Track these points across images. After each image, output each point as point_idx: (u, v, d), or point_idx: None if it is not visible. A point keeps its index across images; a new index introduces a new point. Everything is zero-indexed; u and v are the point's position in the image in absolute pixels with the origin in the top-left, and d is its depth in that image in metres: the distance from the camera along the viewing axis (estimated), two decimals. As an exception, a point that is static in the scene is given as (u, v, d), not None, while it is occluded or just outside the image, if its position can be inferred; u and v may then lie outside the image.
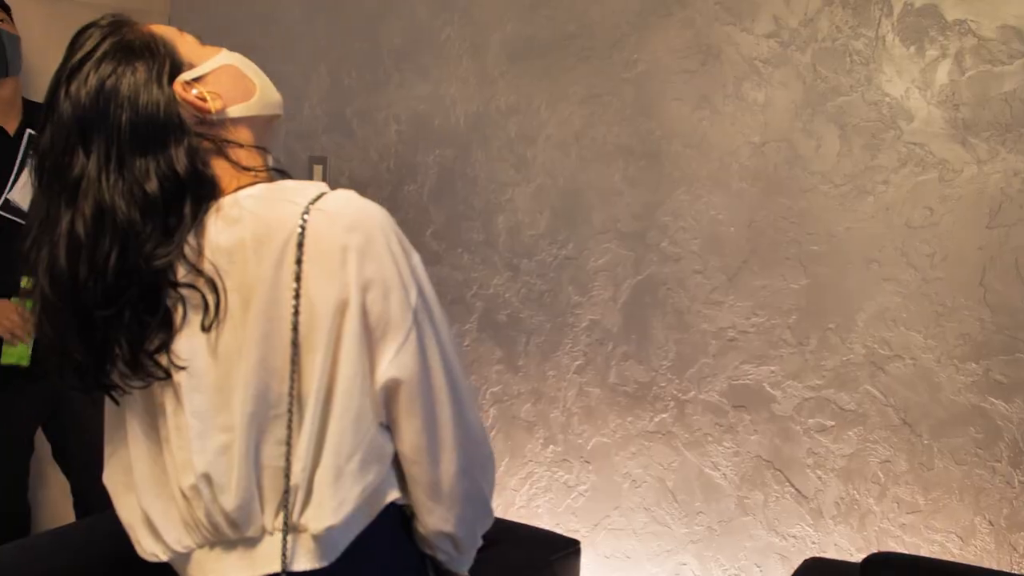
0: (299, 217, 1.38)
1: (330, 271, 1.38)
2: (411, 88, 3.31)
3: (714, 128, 2.77)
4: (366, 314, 1.39)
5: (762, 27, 2.68)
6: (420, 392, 1.44)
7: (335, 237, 1.37)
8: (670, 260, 2.85)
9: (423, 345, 1.44)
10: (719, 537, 2.83)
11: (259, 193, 1.44)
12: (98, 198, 1.38)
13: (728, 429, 2.80)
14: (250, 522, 1.46)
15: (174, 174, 1.41)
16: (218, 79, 1.55)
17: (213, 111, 1.49)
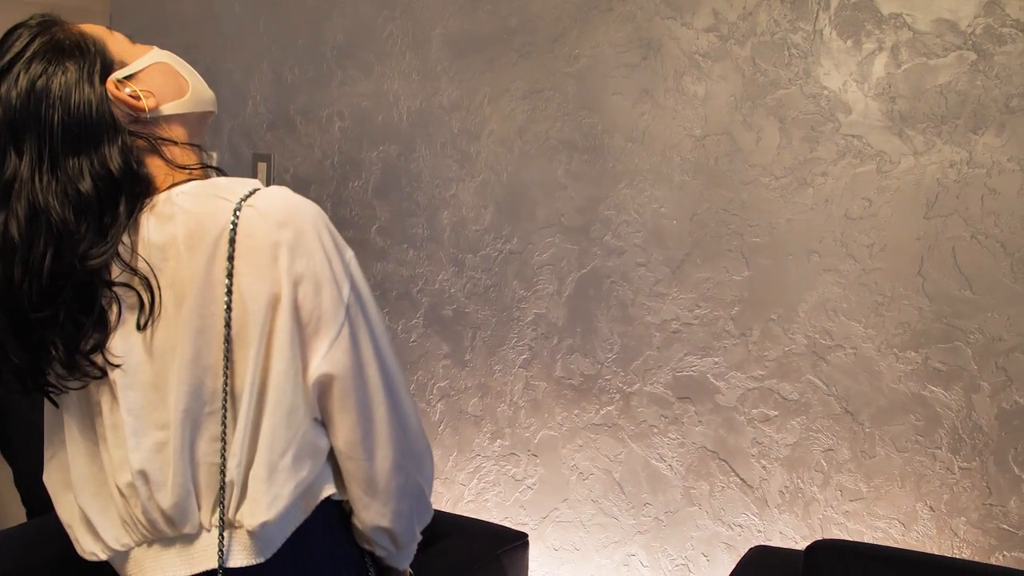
0: (231, 213, 1.38)
1: (261, 267, 1.38)
2: (354, 85, 3.31)
3: (655, 122, 2.78)
4: (298, 309, 1.40)
5: (702, 21, 2.70)
6: (353, 388, 1.45)
7: (266, 233, 1.38)
8: (614, 253, 2.87)
9: (356, 340, 1.44)
10: (666, 528, 2.85)
11: (192, 190, 1.44)
12: (31, 199, 1.38)
13: (673, 420, 2.82)
14: (187, 519, 1.46)
15: (108, 173, 1.41)
16: (150, 77, 1.55)
17: (146, 109, 1.49)
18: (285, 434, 1.42)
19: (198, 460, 1.45)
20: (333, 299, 1.41)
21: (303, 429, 1.44)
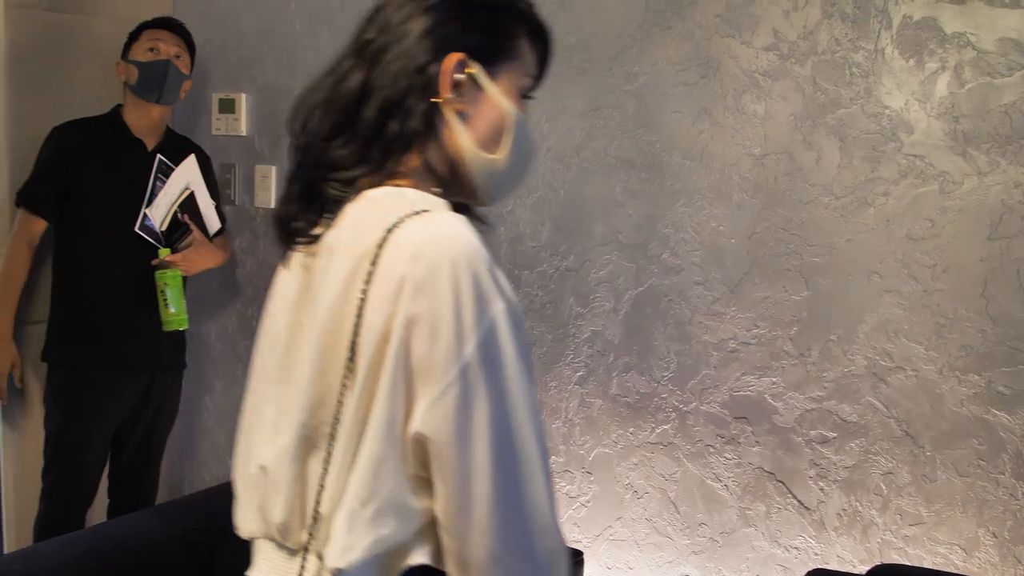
0: (382, 234, 1.29)
1: (384, 300, 1.27)
2: (413, 100, 3.31)
3: (714, 140, 2.77)
4: (408, 353, 1.26)
5: (762, 40, 2.69)
6: (451, 457, 1.27)
7: (398, 264, 1.27)
8: (671, 272, 2.86)
9: (467, 406, 1.26)
10: (721, 548, 2.83)
11: (376, 196, 1.38)
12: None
13: (730, 440, 2.80)
14: (290, 533, 1.41)
15: (396, 116, 1.39)
16: (487, 110, 1.45)
17: (446, 99, 1.40)
18: (370, 485, 1.29)
19: (307, 478, 1.38)
20: (448, 352, 1.25)
21: (391, 484, 1.30)
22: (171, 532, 2.90)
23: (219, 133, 3.84)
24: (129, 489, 3.64)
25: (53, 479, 3.45)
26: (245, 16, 3.77)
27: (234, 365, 3.91)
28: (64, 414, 3.41)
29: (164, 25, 3.50)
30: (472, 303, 1.25)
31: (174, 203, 3.42)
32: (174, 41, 3.48)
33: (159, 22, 3.51)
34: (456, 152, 1.42)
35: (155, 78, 3.40)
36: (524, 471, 1.30)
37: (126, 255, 3.39)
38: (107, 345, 3.42)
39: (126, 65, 3.44)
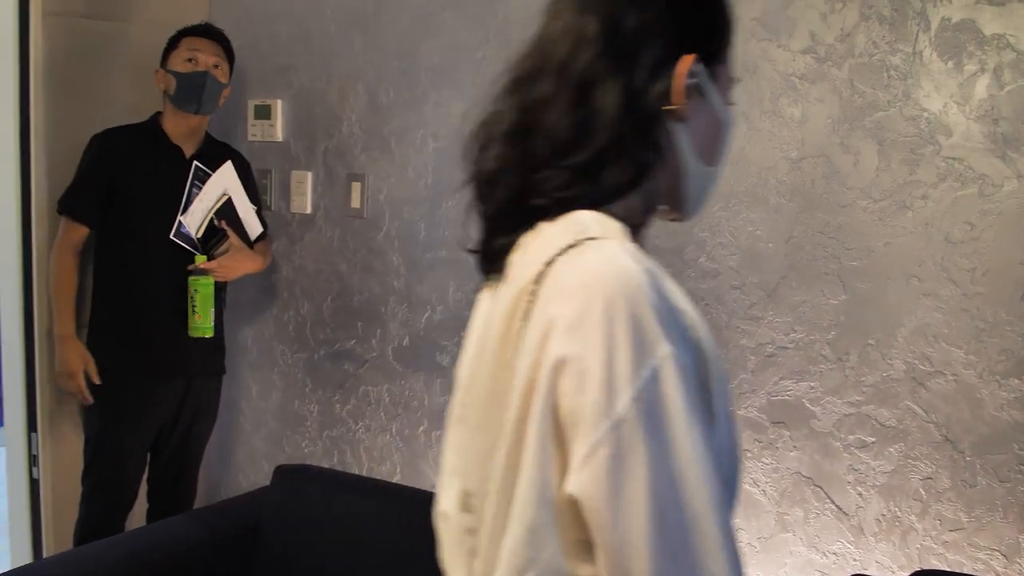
0: (539, 268, 1.17)
1: (533, 340, 1.14)
2: (448, 106, 3.32)
3: (751, 144, 2.76)
4: (556, 404, 1.11)
5: (798, 43, 2.68)
6: (606, 526, 1.09)
7: (549, 302, 1.14)
8: (708, 276, 2.85)
9: (620, 469, 1.08)
10: (759, 554, 2.82)
11: (560, 221, 1.22)
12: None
13: (767, 445, 2.79)
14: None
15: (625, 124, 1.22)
16: (708, 118, 1.32)
17: (678, 106, 1.25)
18: (526, 552, 1.14)
19: (467, 537, 1.27)
20: (596, 405, 1.08)
21: (549, 552, 1.14)
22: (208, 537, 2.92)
23: (255, 139, 3.86)
24: (167, 494, 3.66)
25: (93, 484, 3.48)
26: (280, 22, 3.78)
27: (270, 370, 3.92)
28: (104, 419, 3.44)
29: (203, 33, 3.52)
30: (628, 349, 1.08)
31: (210, 210, 3.44)
32: (213, 50, 3.49)
33: (198, 30, 3.52)
34: (678, 166, 1.29)
35: (193, 89, 3.42)
36: (696, 545, 1.09)
37: (166, 261, 3.41)
38: (147, 351, 3.45)
39: (165, 74, 3.46)
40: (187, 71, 3.42)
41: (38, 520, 3.70)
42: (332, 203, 3.68)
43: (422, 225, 3.42)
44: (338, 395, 3.72)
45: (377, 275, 3.56)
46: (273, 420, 3.94)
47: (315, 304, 3.76)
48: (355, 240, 3.62)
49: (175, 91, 3.42)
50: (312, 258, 3.75)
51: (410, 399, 3.52)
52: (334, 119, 3.64)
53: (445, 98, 3.34)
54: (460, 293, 3.35)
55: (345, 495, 2.90)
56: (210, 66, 3.45)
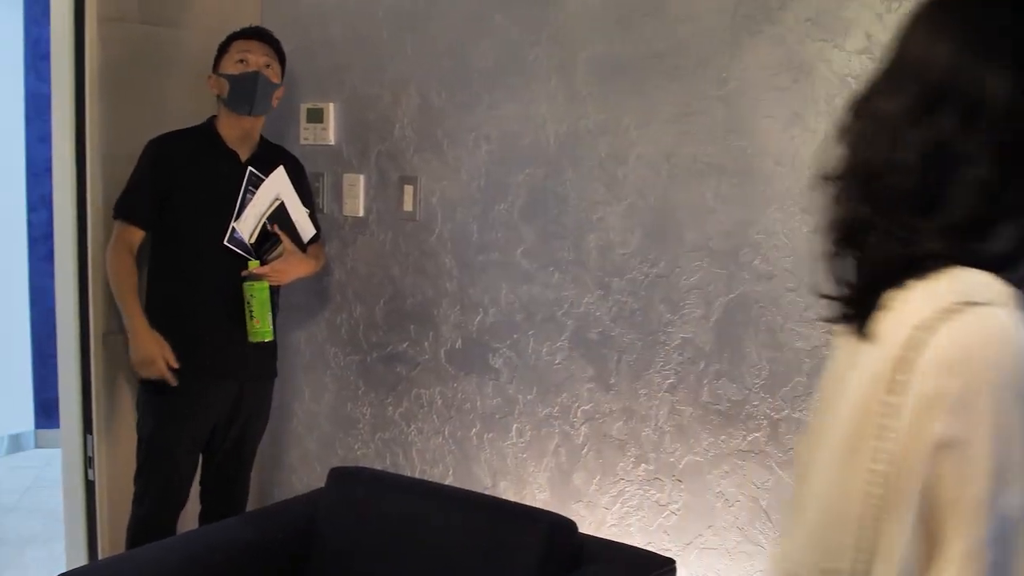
0: (908, 332, 1.06)
1: (908, 421, 1.03)
2: (501, 108, 3.33)
3: (806, 146, 2.74)
4: (932, 490, 1.01)
5: (854, 43, 2.66)
6: None
7: (927, 378, 1.02)
8: (763, 278, 2.84)
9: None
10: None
11: (942, 282, 1.09)
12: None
13: (823, 448, 2.77)
14: None
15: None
16: None
17: None
18: None
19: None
20: (981, 499, 0.97)
21: None
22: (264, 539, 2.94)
23: (307, 143, 3.88)
24: (220, 495, 3.68)
25: (145, 483, 3.51)
26: (332, 25, 3.80)
27: (323, 373, 3.94)
28: (156, 419, 3.47)
29: (252, 35, 3.55)
30: (1022, 438, 0.98)
31: (263, 215, 3.46)
32: (263, 51, 3.52)
33: (247, 32, 3.55)
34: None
35: (246, 90, 3.45)
36: None
37: (219, 266, 3.44)
38: (200, 352, 3.47)
39: (217, 78, 3.49)
40: (238, 72, 3.45)
41: (93, 522, 3.74)
42: (384, 206, 3.69)
43: (475, 227, 3.42)
44: (390, 398, 3.73)
45: (430, 278, 3.58)
46: (326, 422, 3.96)
47: (367, 307, 3.78)
48: (407, 243, 3.63)
49: (228, 93, 3.45)
50: (365, 261, 3.77)
51: (462, 402, 3.52)
52: (386, 122, 3.65)
53: (497, 100, 3.34)
54: (512, 295, 3.35)
55: (400, 497, 2.91)
56: (261, 66, 3.48)
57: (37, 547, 4.91)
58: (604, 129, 3.11)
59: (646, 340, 3.07)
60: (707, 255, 2.93)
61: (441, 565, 2.70)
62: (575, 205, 3.19)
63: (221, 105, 3.51)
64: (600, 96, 3.12)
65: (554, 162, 3.22)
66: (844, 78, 2.67)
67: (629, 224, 3.07)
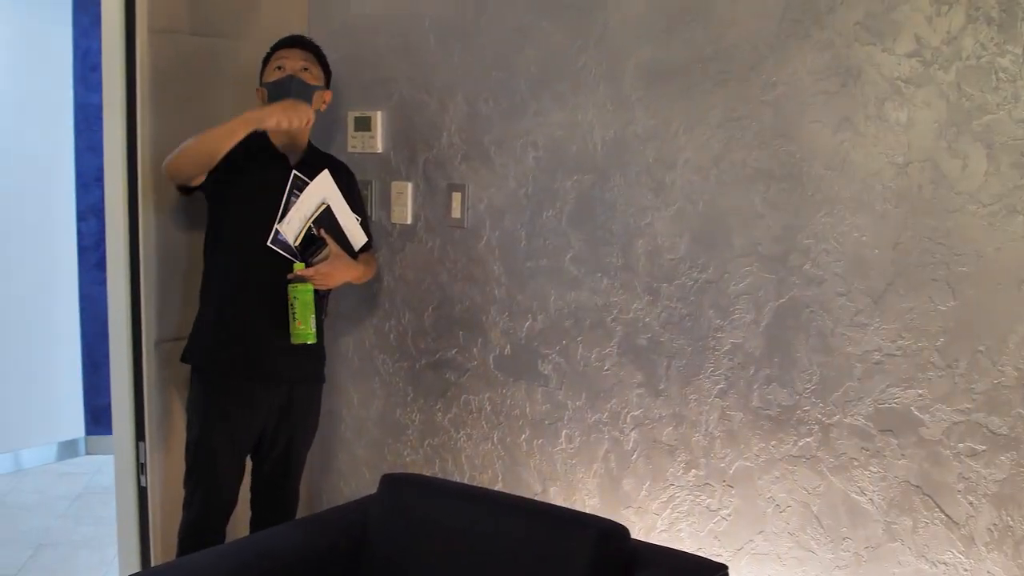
0: None
1: None
2: (548, 115, 3.34)
3: (856, 149, 2.74)
4: None
5: (903, 46, 2.65)
6: None
7: None
8: (813, 283, 2.83)
9: None
10: (866, 563, 2.79)
11: None
12: None
13: (875, 454, 2.76)
14: None
15: None
16: None
17: None
18: None
19: None
20: None
21: None
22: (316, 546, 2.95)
23: (355, 150, 3.90)
24: (270, 502, 3.70)
25: (192, 487, 3.54)
26: (379, 34, 3.82)
27: (371, 379, 3.96)
28: (203, 420, 3.50)
29: (290, 44, 3.59)
30: None
31: (309, 218, 3.48)
32: (301, 56, 3.56)
33: (285, 42, 3.60)
34: None
35: (281, 95, 3.48)
36: None
37: (265, 268, 3.46)
38: (244, 354, 3.50)
39: (262, 90, 3.55)
40: (275, 79, 3.50)
41: (146, 528, 3.77)
42: (432, 213, 3.71)
43: (523, 234, 3.43)
44: (439, 404, 3.74)
45: (478, 284, 3.59)
46: (375, 428, 3.98)
47: (416, 314, 3.79)
48: (456, 250, 3.64)
49: (268, 99, 3.50)
50: (413, 268, 3.79)
51: (511, 408, 3.53)
52: (433, 130, 3.67)
53: (545, 107, 3.35)
54: (561, 301, 3.36)
55: (452, 503, 2.91)
56: (297, 70, 3.51)
57: (88, 553, 4.96)
58: (652, 135, 3.11)
59: (695, 345, 3.07)
60: (756, 260, 2.93)
61: (493, 570, 2.71)
62: (623, 211, 3.19)
63: None
64: (648, 102, 3.12)
65: (602, 168, 3.23)
66: (893, 81, 2.66)
67: (677, 229, 3.07)
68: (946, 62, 2.58)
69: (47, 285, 6.45)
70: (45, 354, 6.46)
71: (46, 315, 6.45)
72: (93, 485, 6.07)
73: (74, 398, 6.64)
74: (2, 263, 6.19)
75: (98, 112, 6.13)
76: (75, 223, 6.57)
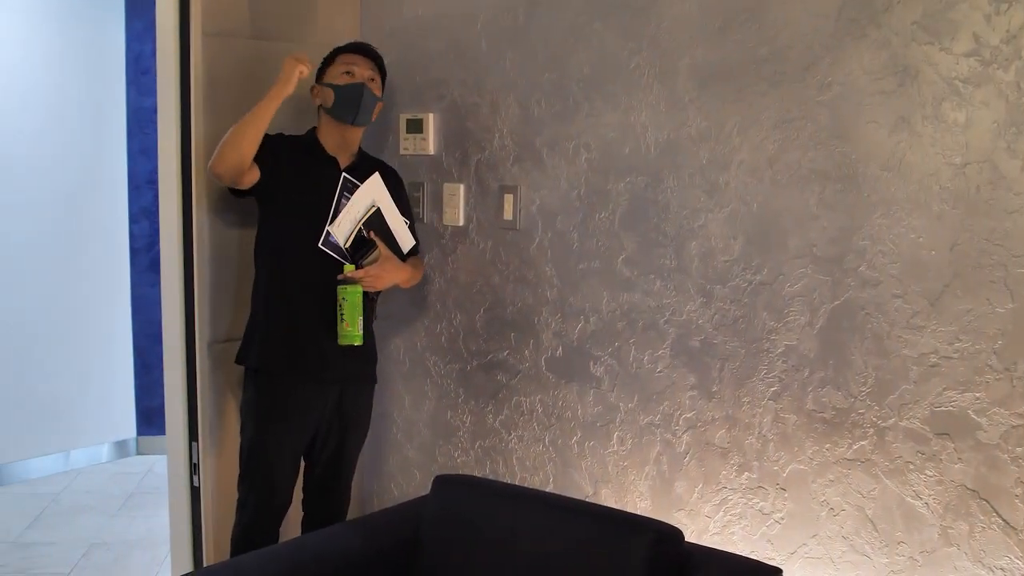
0: None
1: None
2: (600, 117, 3.34)
3: (912, 150, 2.71)
4: None
5: (961, 46, 2.62)
6: None
7: None
8: (868, 285, 2.81)
9: None
10: (922, 568, 2.77)
11: None
12: None
13: (931, 457, 2.73)
14: None
15: None
16: None
17: None
18: None
19: None
20: None
21: None
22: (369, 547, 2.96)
23: (407, 153, 3.92)
24: (322, 503, 3.72)
25: (247, 488, 3.57)
26: (431, 37, 3.84)
27: (422, 381, 3.97)
28: (257, 421, 3.53)
29: (358, 50, 3.62)
30: None
31: (359, 220, 3.50)
32: (368, 65, 3.59)
33: (353, 47, 3.63)
34: None
35: (351, 100, 3.51)
36: None
37: (316, 269, 3.49)
38: (296, 354, 3.53)
39: (321, 88, 3.56)
40: (344, 83, 3.52)
41: (198, 529, 3.80)
42: (484, 215, 3.71)
43: (575, 235, 3.43)
44: (491, 405, 3.75)
45: (530, 286, 3.59)
46: (426, 430, 3.99)
47: (468, 315, 3.80)
48: (508, 251, 3.65)
49: (333, 103, 3.52)
50: (465, 270, 3.79)
51: (563, 410, 3.53)
52: (485, 131, 3.67)
53: (597, 109, 3.35)
54: (614, 303, 3.35)
55: (505, 505, 2.91)
56: (366, 79, 3.55)
57: (141, 552, 5.01)
58: (705, 136, 3.10)
59: (749, 348, 3.05)
60: (811, 262, 2.91)
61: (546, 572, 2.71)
62: (676, 212, 3.18)
63: (323, 114, 3.57)
64: (701, 103, 3.11)
65: (654, 170, 3.22)
66: (951, 81, 2.64)
67: (731, 231, 3.06)
68: (1005, 61, 2.56)
69: (100, 287, 6.53)
70: (97, 355, 6.54)
71: (98, 316, 6.53)
72: (145, 485, 6.13)
73: (126, 398, 6.71)
74: (55, 264, 6.27)
75: (150, 115, 6.24)
76: (127, 225, 6.64)
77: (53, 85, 6.22)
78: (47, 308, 6.23)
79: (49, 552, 5.00)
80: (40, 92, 6.16)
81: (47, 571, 4.77)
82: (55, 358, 6.28)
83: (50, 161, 6.20)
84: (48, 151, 6.19)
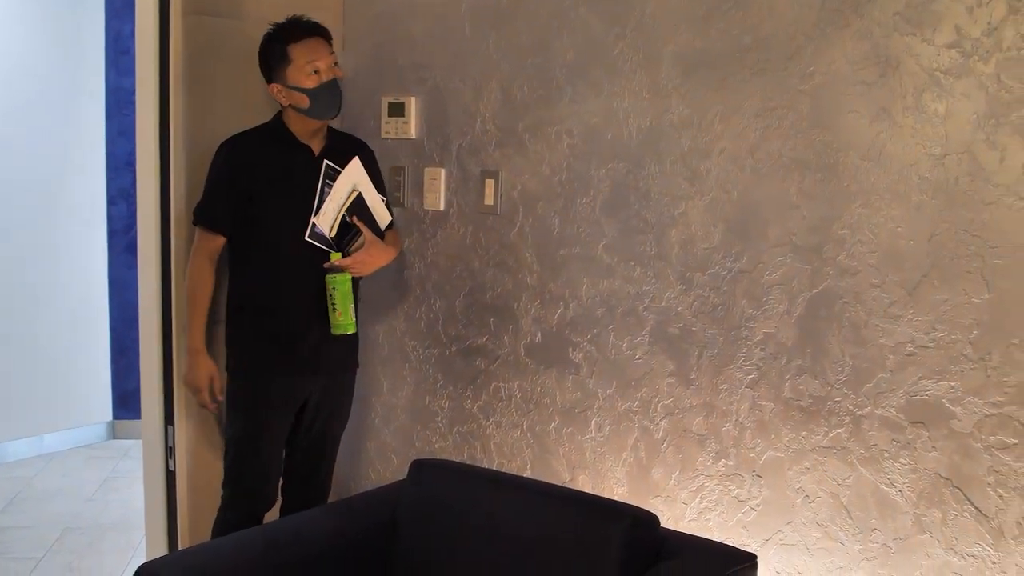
0: None
1: None
2: (583, 102, 3.34)
3: (893, 141, 2.73)
4: None
5: (943, 37, 2.64)
6: None
7: None
8: (847, 274, 2.82)
9: None
10: (895, 555, 2.79)
11: None
12: None
13: (905, 445, 2.75)
14: None
15: None
16: None
17: None
18: None
19: None
20: None
21: None
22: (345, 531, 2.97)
23: (389, 136, 3.91)
24: (302, 488, 3.71)
25: (234, 486, 3.56)
26: (415, 20, 3.83)
27: (401, 365, 3.97)
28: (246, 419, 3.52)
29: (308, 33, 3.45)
30: None
31: (342, 207, 3.49)
32: (325, 51, 3.46)
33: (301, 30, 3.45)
34: None
35: (330, 99, 3.45)
36: None
37: (302, 262, 3.46)
38: (288, 350, 3.52)
39: (288, 91, 3.42)
40: (315, 85, 3.41)
41: (173, 513, 3.79)
42: (465, 200, 3.71)
43: (556, 221, 3.44)
44: (469, 391, 3.75)
45: (510, 271, 3.59)
46: (404, 415, 3.99)
47: (447, 300, 3.80)
48: (488, 237, 3.65)
49: (311, 106, 3.42)
50: (445, 255, 3.79)
51: (541, 396, 3.54)
52: (468, 116, 3.67)
53: (580, 94, 3.35)
54: (593, 290, 3.36)
55: (482, 489, 2.92)
56: (331, 66, 3.47)
57: (115, 535, 4.99)
58: (687, 123, 3.11)
59: (728, 335, 3.06)
60: (790, 250, 2.92)
61: (523, 557, 2.72)
62: (657, 199, 3.19)
63: (296, 112, 3.46)
64: (684, 90, 3.11)
65: (636, 156, 3.23)
66: (932, 72, 2.65)
67: (712, 219, 3.07)
68: (986, 53, 2.57)
69: (77, 269, 6.50)
70: (73, 338, 6.50)
71: (75, 299, 6.49)
72: (120, 469, 6.11)
73: (102, 382, 6.68)
74: (32, 247, 6.24)
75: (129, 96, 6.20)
76: (105, 207, 6.60)
77: (31, 65, 6.18)
78: (23, 289, 6.20)
79: (23, 536, 4.98)
80: (17, 72, 6.12)
81: (21, 555, 4.74)
82: (30, 340, 6.24)
83: (27, 141, 6.16)
84: (25, 131, 6.15)
